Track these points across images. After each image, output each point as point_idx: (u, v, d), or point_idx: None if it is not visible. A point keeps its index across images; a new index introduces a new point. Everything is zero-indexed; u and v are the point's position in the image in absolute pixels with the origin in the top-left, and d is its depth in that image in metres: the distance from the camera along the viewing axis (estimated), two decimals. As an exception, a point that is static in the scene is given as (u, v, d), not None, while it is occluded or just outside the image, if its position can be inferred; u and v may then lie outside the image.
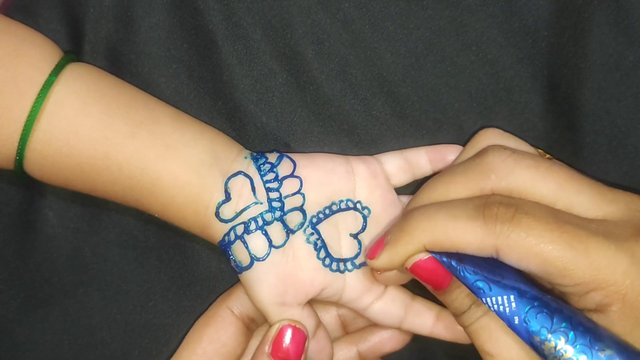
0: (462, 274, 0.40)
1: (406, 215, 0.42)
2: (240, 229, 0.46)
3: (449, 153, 0.49)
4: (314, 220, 0.47)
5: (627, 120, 0.46)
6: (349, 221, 0.48)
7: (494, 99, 0.48)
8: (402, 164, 0.49)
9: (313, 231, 0.46)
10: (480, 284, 0.40)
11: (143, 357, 0.51)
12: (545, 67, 0.47)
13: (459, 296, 0.42)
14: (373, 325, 0.50)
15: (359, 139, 0.50)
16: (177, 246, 0.51)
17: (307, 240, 0.46)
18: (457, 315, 0.43)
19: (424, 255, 0.41)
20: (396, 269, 0.43)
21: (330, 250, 0.47)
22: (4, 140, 0.44)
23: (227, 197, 0.46)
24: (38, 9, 0.50)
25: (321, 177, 0.47)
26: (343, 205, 0.47)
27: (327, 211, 0.47)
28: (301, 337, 0.46)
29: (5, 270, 0.51)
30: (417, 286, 0.48)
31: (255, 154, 0.48)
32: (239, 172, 0.46)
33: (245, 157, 0.47)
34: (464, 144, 0.48)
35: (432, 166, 0.49)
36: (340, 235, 0.47)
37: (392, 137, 0.49)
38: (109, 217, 0.51)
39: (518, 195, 0.41)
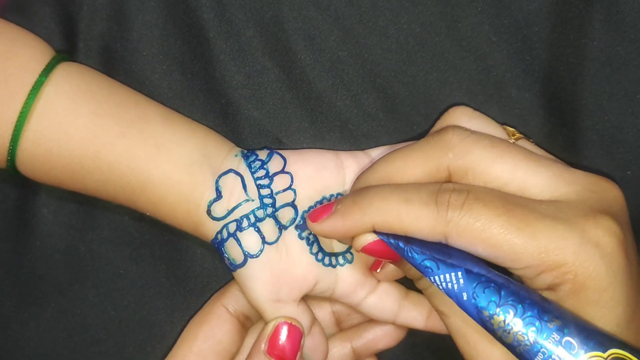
0: (409, 254, 0.40)
1: (360, 190, 0.42)
2: (232, 227, 0.46)
3: None
4: (306, 215, 0.47)
5: (619, 115, 0.46)
6: (340, 215, 0.48)
7: (485, 94, 0.48)
8: None
9: (305, 226, 0.46)
10: (427, 262, 0.39)
11: (137, 354, 0.51)
12: (536, 63, 0.47)
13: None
14: (367, 321, 0.50)
15: (351, 134, 0.50)
16: (171, 243, 0.51)
17: (300, 236, 0.46)
18: (415, 280, 0.43)
19: (372, 238, 0.41)
20: (335, 238, 0.43)
21: (321, 245, 0.47)
22: None
23: (219, 195, 0.46)
24: (32, 8, 0.50)
25: (311, 172, 0.47)
26: (333, 200, 0.47)
27: (318, 206, 0.47)
28: (297, 334, 0.46)
29: (1, 267, 0.51)
30: (411, 281, 0.49)
31: (245, 151, 0.48)
32: (229, 170, 0.46)
33: (236, 155, 0.47)
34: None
35: None
36: (331, 229, 0.47)
37: (383, 132, 0.49)
38: (103, 214, 0.51)
39: (473, 175, 0.41)
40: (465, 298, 0.39)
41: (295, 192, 0.47)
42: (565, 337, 0.37)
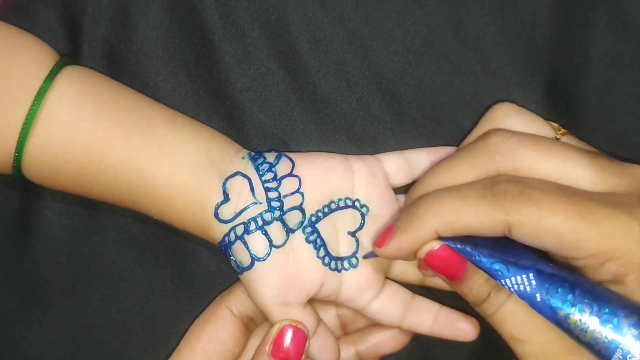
0: (477, 258, 0.40)
1: (414, 201, 0.42)
2: (240, 230, 0.45)
3: None
4: (313, 219, 0.47)
5: (624, 116, 0.46)
6: (347, 219, 0.48)
7: (490, 96, 0.48)
8: (401, 164, 0.49)
9: (312, 230, 0.46)
10: (497, 266, 0.39)
11: (141, 357, 0.51)
12: (542, 64, 0.47)
13: (476, 283, 0.42)
14: (372, 325, 0.50)
15: (357, 137, 0.50)
16: (175, 246, 0.51)
17: (307, 240, 0.46)
18: (477, 305, 0.42)
19: (437, 244, 0.41)
20: (406, 256, 0.43)
21: (328, 249, 0.47)
22: (0, 147, 0.44)
23: (226, 198, 0.45)
24: (36, 9, 0.49)
25: (320, 176, 0.47)
26: (342, 204, 0.47)
27: (326, 210, 0.47)
28: (302, 337, 0.46)
29: (4, 269, 0.51)
30: (417, 285, 0.49)
31: (253, 153, 0.48)
32: (236, 173, 0.46)
33: (243, 157, 0.47)
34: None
35: None
36: (338, 233, 0.47)
37: (389, 135, 0.49)
38: (108, 217, 0.51)
39: (523, 175, 0.42)
40: (538, 299, 0.39)
41: (303, 195, 0.47)
42: None
